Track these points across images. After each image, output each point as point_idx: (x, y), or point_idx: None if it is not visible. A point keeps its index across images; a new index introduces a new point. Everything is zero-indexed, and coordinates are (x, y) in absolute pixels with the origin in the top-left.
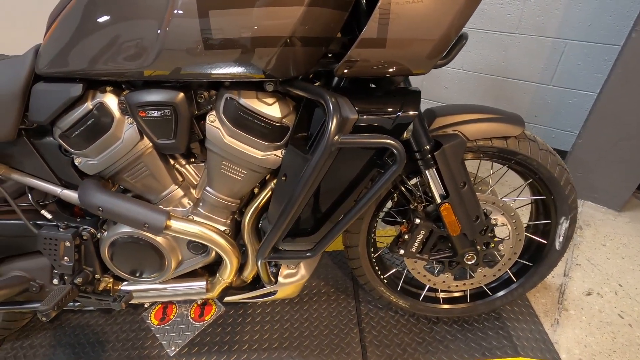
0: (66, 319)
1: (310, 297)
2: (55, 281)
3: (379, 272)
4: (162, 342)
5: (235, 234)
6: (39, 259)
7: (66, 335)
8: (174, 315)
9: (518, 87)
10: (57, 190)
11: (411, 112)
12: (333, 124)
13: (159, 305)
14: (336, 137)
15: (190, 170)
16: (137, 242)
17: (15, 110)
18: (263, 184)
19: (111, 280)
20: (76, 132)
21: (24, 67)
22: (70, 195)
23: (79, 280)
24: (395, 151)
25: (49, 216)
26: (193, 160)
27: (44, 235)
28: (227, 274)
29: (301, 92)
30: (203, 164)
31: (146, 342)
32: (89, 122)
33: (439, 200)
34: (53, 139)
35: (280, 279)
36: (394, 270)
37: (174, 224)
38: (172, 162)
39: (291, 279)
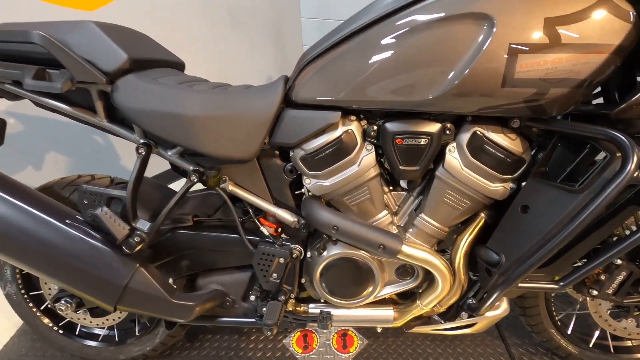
0: (205, 340)
1: (454, 335)
2: (252, 297)
3: (554, 313)
4: None
5: None
6: (235, 274)
7: (210, 357)
8: (316, 345)
9: None
10: (274, 209)
11: None
12: (633, 162)
13: (299, 333)
14: (636, 173)
15: (391, 197)
16: (353, 263)
17: (263, 133)
18: (474, 215)
19: (293, 300)
20: (319, 155)
21: (276, 95)
22: (284, 214)
23: (282, 297)
24: None
25: (266, 232)
26: (392, 187)
27: (263, 250)
28: (431, 302)
29: (563, 130)
30: (404, 192)
31: None
32: (334, 147)
33: None
34: (279, 160)
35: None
36: (566, 312)
37: (405, 248)
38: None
39: (495, 312)
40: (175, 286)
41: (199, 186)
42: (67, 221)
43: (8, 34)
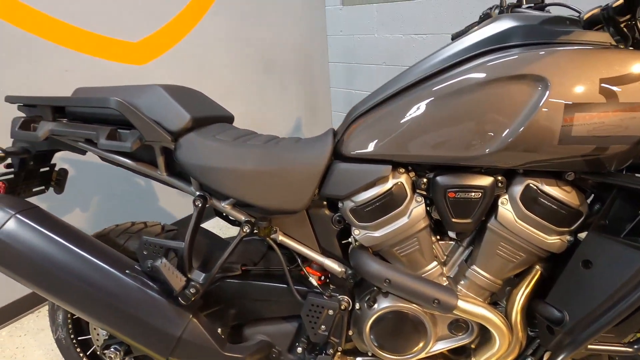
0: None
1: None
2: (299, 349)
3: None
4: None
5: None
6: (282, 325)
7: None
8: None
9: None
10: (322, 259)
11: None
12: None
13: None
14: None
15: (439, 247)
16: (405, 317)
17: (314, 186)
18: (529, 267)
19: (339, 352)
20: (369, 208)
21: (325, 149)
22: (332, 264)
23: (330, 351)
24: None
25: (315, 283)
26: (439, 237)
27: (312, 302)
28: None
29: (621, 183)
30: (452, 242)
31: None
32: (384, 199)
33: None
34: (327, 211)
35: None
36: None
37: (461, 303)
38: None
39: None
40: (224, 336)
41: (234, 232)
42: (126, 271)
43: (89, 101)
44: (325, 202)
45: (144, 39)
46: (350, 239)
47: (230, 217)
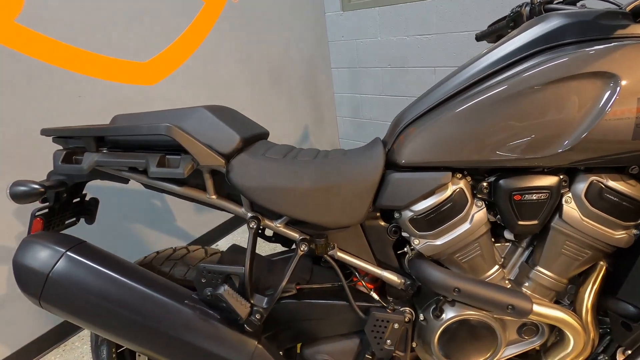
0: None
1: None
2: None
3: None
4: None
5: None
6: (342, 343)
7: None
8: None
9: None
10: (380, 271)
11: None
12: None
13: None
14: None
15: (496, 250)
16: (474, 325)
17: (370, 198)
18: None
19: None
20: (429, 216)
21: (378, 160)
22: (390, 276)
23: None
24: None
25: (376, 297)
26: (493, 240)
27: (377, 316)
28: None
29: None
30: (509, 244)
31: None
32: (445, 207)
33: None
34: (382, 222)
35: None
36: None
37: (537, 307)
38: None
39: None
40: None
41: (267, 247)
42: (185, 301)
43: (138, 129)
44: (378, 214)
45: (153, 59)
46: (405, 249)
47: (268, 235)
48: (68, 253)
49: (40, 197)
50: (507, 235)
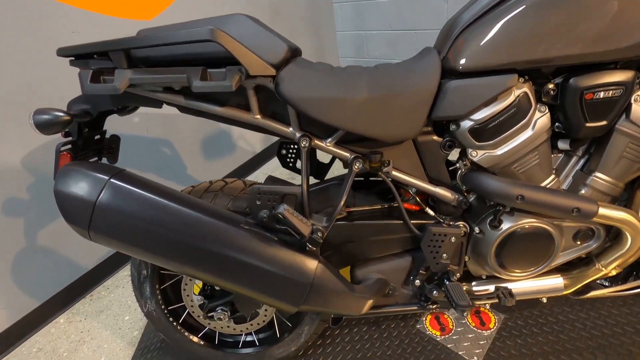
0: (335, 334)
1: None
2: (416, 282)
3: None
4: (459, 353)
5: None
6: (394, 261)
7: (346, 351)
8: (452, 325)
9: None
10: (434, 188)
11: None
12: None
13: (430, 316)
14: None
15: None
16: (533, 233)
17: (426, 108)
18: None
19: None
20: (492, 124)
21: (434, 68)
22: (444, 192)
23: (453, 278)
24: None
25: (432, 213)
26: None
27: (434, 231)
28: (613, 262)
29: None
30: (561, 154)
31: (441, 354)
32: (508, 113)
33: None
34: (435, 137)
35: None
36: None
37: (602, 209)
38: None
39: None
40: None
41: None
42: (240, 224)
43: (175, 36)
44: (431, 128)
45: None
46: (457, 164)
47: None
48: (112, 180)
49: (67, 126)
50: (562, 144)
